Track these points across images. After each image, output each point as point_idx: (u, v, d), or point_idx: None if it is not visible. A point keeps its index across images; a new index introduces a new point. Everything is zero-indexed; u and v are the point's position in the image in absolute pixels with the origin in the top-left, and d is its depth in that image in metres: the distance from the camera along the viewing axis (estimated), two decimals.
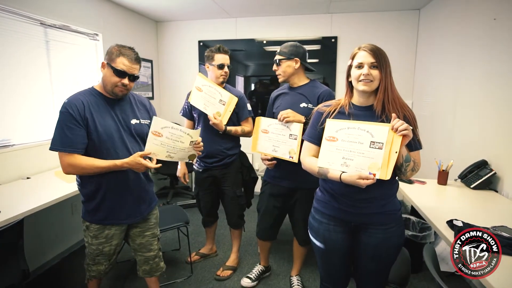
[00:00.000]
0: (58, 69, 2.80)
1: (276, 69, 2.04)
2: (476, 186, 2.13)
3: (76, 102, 1.49)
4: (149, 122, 1.68)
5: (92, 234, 1.65)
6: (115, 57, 1.51)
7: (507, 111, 2.07)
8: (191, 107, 2.36)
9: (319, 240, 1.47)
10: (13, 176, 2.33)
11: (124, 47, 1.55)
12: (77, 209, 2.92)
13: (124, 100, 1.65)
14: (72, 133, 1.45)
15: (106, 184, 1.58)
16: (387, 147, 1.21)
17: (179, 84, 4.30)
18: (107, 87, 1.56)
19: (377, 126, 1.24)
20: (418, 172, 1.36)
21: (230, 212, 2.49)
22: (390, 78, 1.30)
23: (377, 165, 1.22)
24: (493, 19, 2.21)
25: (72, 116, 1.46)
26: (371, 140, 1.24)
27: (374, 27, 3.73)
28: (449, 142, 2.78)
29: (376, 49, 1.29)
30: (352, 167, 1.27)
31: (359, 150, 1.26)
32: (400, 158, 1.23)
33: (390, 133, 1.21)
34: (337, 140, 1.31)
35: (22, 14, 2.41)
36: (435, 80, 3.17)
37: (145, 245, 1.79)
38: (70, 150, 1.45)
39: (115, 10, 3.47)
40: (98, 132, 1.51)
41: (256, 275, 2.39)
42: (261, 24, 4.04)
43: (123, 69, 1.51)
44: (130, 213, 1.68)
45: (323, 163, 1.34)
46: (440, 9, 3.12)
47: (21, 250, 1.67)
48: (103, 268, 1.71)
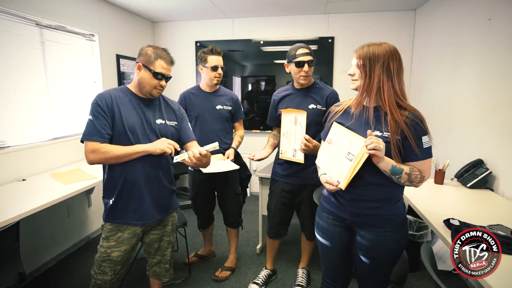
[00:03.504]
0: (54, 70, 2.78)
1: (307, 70, 1.94)
2: (472, 185, 2.15)
3: (105, 95, 1.54)
4: (175, 123, 1.72)
5: (104, 236, 1.63)
6: (153, 60, 1.54)
7: (503, 111, 2.08)
8: (186, 108, 2.36)
9: (319, 232, 1.52)
10: (9, 178, 2.31)
11: (159, 48, 1.58)
12: (74, 211, 2.90)
13: (155, 100, 1.68)
14: (98, 123, 1.49)
15: (124, 180, 1.57)
16: (356, 160, 1.24)
17: (175, 85, 4.28)
18: (144, 89, 1.59)
19: (357, 138, 1.26)
20: None
21: (229, 211, 2.49)
22: (382, 77, 1.25)
23: (344, 174, 1.27)
24: (488, 19, 2.23)
25: (100, 106, 1.50)
26: (348, 150, 1.28)
27: (371, 28, 3.75)
28: (445, 141, 2.79)
29: (365, 53, 1.27)
30: (331, 171, 1.36)
31: (338, 157, 1.33)
32: (383, 172, 1.25)
33: (362, 149, 1.22)
34: (331, 144, 1.39)
35: (17, 15, 2.40)
36: (431, 80, 3.19)
37: (161, 249, 1.80)
38: (95, 138, 1.48)
39: (111, 11, 3.45)
40: (123, 126, 1.54)
41: (263, 280, 2.37)
42: (258, 25, 4.05)
43: (162, 72, 1.56)
44: (144, 215, 1.64)
45: (317, 161, 1.49)
46: (435, 10, 3.14)
47: (17, 253, 1.66)
48: (108, 278, 1.65)
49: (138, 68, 1.57)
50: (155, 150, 1.54)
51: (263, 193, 2.73)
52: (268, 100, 4.23)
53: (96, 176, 2.35)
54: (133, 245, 1.68)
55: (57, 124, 2.84)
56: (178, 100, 2.38)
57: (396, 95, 1.27)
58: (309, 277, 2.41)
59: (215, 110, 2.34)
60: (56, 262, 2.70)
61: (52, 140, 2.76)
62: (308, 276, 2.40)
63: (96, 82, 3.31)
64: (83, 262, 2.71)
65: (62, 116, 2.90)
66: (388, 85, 1.26)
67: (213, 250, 2.83)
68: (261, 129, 4.23)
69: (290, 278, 2.47)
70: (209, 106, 2.34)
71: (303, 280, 2.33)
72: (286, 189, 2.15)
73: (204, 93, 2.37)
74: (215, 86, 2.37)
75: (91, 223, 3.15)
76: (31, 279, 2.45)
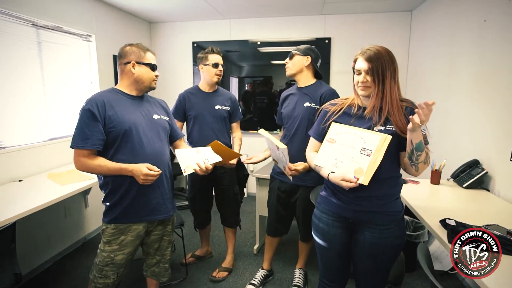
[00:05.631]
0: (50, 71, 2.77)
1: (287, 61, 2.07)
2: (468, 185, 2.16)
3: (97, 100, 1.51)
4: (168, 119, 1.78)
5: (106, 240, 1.61)
6: (143, 54, 1.60)
7: (498, 111, 2.10)
8: (185, 107, 2.36)
9: (318, 234, 1.52)
10: (5, 179, 2.30)
11: (138, 44, 1.64)
12: (70, 211, 2.89)
13: (144, 98, 1.71)
14: (90, 129, 1.47)
15: (131, 177, 1.56)
16: (374, 155, 1.26)
17: (172, 85, 4.29)
18: (144, 84, 1.63)
19: (371, 134, 1.30)
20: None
21: (227, 211, 2.49)
22: (390, 82, 1.30)
23: (362, 170, 1.28)
24: (483, 20, 2.25)
25: (92, 112, 1.47)
26: (363, 146, 1.30)
27: (367, 28, 3.77)
28: (441, 142, 2.81)
29: (374, 55, 1.29)
30: (341, 169, 1.34)
31: (350, 154, 1.33)
32: (409, 143, 1.25)
33: (380, 142, 1.26)
34: (335, 143, 1.38)
35: (13, 15, 2.39)
36: (427, 80, 3.21)
37: (161, 249, 1.80)
38: (86, 146, 1.47)
39: (108, 11, 3.44)
40: (124, 124, 1.53)
41: (259, 280, 2.37)
42: (255, 25, 4.05)
43: (154, 62, 1.65)
44: (153, 209, 1.64)
45: (318, 161, 1.43)
46: (431, 11, 3.16)
47: (13, 254, 1.65)
48: (110, 282, 1.64)
49: (132, 67, 1.58)
50: (139, 176, 1.49)
51: (260, 193, 2.74)
52: (265, 100, 4.28)
53: (92, 177, 2.33)
54: (136, 247, 1.67)
55: (54, 125, 2.83)
56: (177, 100, 2.39)
57: (398, 95, 1.33)
58: (306, 278, 2.41)
59: (214, 110, 2.35)
60: (52, 263, 2.69)
61: (49, 140, 2.75)
62: (305, 277, 2.41)
63: (93, 83, 3.30)
64: (79, 263, 2.70)
65: (59, 116, 2.88)
66: (394, 88, 1.32)
67: (210, 250, 2.82)
68: (258, 129, 4.22)
69: (287, 279, 2.47)
70: (208, 106, 2.35)
71: (300, 281, 2.33)
72: (281, 188, 2.17)
73: (203, 93, 2.38)
74: (215, 85, 2.39)
75: (87, 224, 3.14)
76: (27, 280, 2.44)
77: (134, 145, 1.55)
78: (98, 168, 1.50)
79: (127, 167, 1.50)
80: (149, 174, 1.49)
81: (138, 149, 1.56)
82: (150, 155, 1.58)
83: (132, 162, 1.52)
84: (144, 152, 1.57)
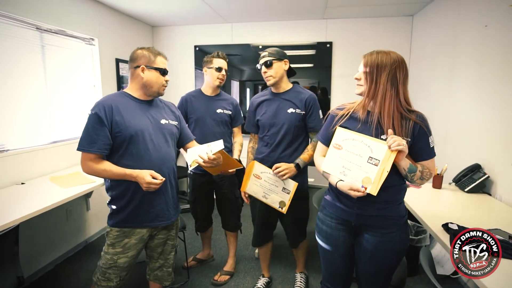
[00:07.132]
0: (53, 74, 2.78)
1: (266, 71, 1.99)
2: (470, 190, 2.16)
3: (104, 104, 1.51)
4: (176, 123, 1.76)
5: (109, 242, 1.61)
6: (153, 58, 1.59)
7: (500, 116, 2.11)
8: (186, 110, 2.37)
9: (322, 237, 1.52)
10: (8, 182, 2.31)
11: (149, 48, 1.63)
12: (72, 214, 2.89)
13: (154, 102, 1.70)
14: (96, 134, 1.48)
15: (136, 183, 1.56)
16: (382, 164, 1.27)
17: (175, 89, 4.30)
18: (152, 89, 1.61)
19: (378, 142, 1.30)
20: None
21: (228, 215, 2.50)
22: (386, 84, 1.29)
23: (370, 180, 1.28)
24: (484, 26, 2.26)
25: (99, 116, 1.48)
26: (370, 155, 1.30)
27: (369, 33, 3.79)
28: (443, 146, 2.81)
29: (372, 61, 1.30)
30: (349, 177, 1.34)
31: (357, 163, 1.33)
32: (402, 170, 1.30)
33: (387, 152, 1.26)
34: (342, 149, 1.37)
35: (18, 19, 2.41)
36: (428, 85, 3.21)
37: (165, 253, 1.80)
38: (92, 150, 1.48)
39: (111, 15, 3.47)
40: (131, 129, 1.52)
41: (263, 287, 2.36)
42: (257, 30, 4.07)
43: (164, 67, 1.63)
44: (156, 216, 1.64)
45: (326, 167, 1.42)
46: (432, 16, 3.18)
47: (16, 256, 1.65)
48: (113, 285, 1.64)
49: (142, 71, 1.58)
50: (142, 184, 1.50)
51: None
52: None
53: (95, 180, 2.34)
54: (139, 250, 1.68)
55: (56, 128, 2.84)
56: (179, 103, 2.40)
57: (401, 103, 1.31)
58: (307, 281, 2.41)
59: (216, 114, 2.36)
60: (54, 266, 2.69)
61: (51, 143, 2.76)
62: (307, 280, 2.40)
63: (95, 86, 3.32)
64: (81, 266, 2.70)
65: (61, 120, 2.89)
66: (391, 93, 1.30)
67: (212, 254, 2.82)
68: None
69: (289, 283, 2.47)
70: (210, 109, 2.36)
71: (302, 285, 2.33)
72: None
73: (206, 96, 2.40)
74: (217, 89, 2.40)
75: (89, 227, 3.14)
76: (29, 283, 2.44)
77: (140, 151, 1.56)
78: (103, 172, 1.51)
79: (132, 173, 1.50)
80: (152, 182, 1.48)
81: (144, 155, 1.56)
82: (156, 161, 1.59)
83: (137, 168, 1.52)
84: (149, 158, 1.57)
